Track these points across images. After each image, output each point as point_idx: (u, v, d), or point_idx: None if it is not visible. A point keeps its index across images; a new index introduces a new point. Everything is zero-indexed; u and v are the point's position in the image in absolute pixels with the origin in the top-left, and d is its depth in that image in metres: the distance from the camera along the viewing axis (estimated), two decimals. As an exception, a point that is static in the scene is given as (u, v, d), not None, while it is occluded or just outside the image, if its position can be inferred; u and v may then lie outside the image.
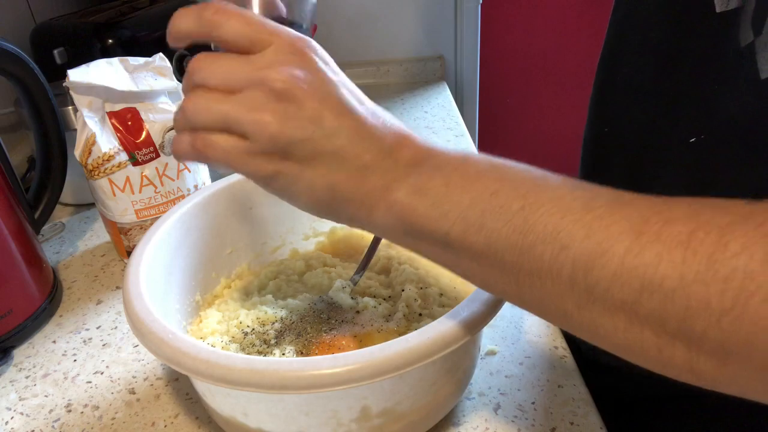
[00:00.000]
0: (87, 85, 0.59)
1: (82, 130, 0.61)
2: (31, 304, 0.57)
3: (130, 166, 0.61)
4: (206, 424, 0.46)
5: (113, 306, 0.60)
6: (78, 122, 0.61)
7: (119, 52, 0.82)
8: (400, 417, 0.40)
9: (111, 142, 0.61)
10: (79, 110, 0.60)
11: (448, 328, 0.35)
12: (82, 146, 0.61)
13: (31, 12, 0.97)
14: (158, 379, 0.51)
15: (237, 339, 0.47)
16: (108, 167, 0.61)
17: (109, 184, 0.61)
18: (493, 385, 0.47)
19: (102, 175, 0.61)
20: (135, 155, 0.61)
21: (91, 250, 0.70)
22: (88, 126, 0.60)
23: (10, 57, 0.58)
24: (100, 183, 0.61)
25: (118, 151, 0.61)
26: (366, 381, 0.33)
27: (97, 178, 0.61)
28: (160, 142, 0.63)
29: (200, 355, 0.35)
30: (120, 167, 0.61)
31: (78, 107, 0.60)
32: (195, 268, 0.51)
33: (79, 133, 0.61)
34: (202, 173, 0.68)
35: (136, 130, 0.62)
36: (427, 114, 1.01)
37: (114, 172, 0.61)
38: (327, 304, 0.49)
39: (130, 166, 0.61)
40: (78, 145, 0.61)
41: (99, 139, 0.60)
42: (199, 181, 0.67)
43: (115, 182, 0.61)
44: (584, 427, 0.43)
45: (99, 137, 0.60)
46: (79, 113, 0.61)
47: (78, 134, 0.61)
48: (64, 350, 0.55)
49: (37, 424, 0.47)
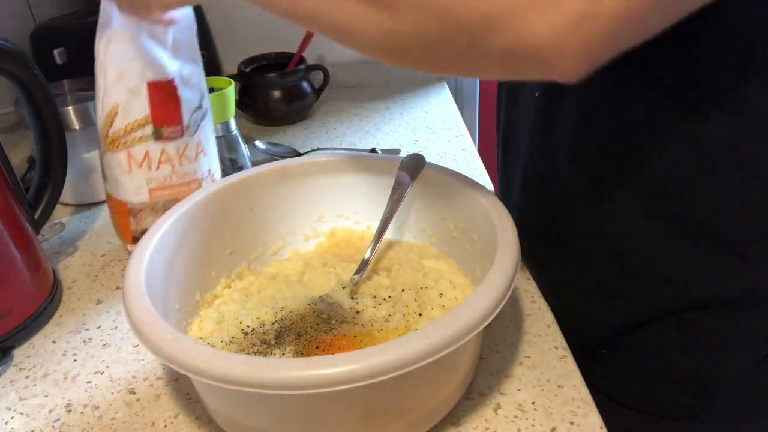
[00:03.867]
0: (137, 49, 0.56)
1: (104, 98, 0.58)
2: (31, 304, 0.57)
3: (152, 140, 0.59)
4: (206, 424, 0.46)
5: (113, 306, 0.60)
6: (98, 90, 0.59)
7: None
8: (400, 417, 0.40)
9: (141, 112, 0.58)
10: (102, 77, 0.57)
11: (448, 329, 0.35)
12: (104, 116, 0.58)
13: (31, 12, 0.98)
14: (158, 379, 0.51)
15: (237, 339, 0.47)
16: (130, 139, 0.58)
17: (127, 158, 0.59)
18: (493, 385, 0.47)
19: (122, 147, 0.58)
20: (161, 130, 0.59)
21: (91, 250, 0.70)
22: (113, 96, 0.57)
23: (10, 57, 0.58)
24: (118, 156, 0.59)
25: (145, 122, 0.58)
26: (366, 381, 0.33)
27: (115, 150, 0.59)
28: (187, 122, 0.61)
29: (200, 355, 0.35)
30: (141, 140, 0.59)
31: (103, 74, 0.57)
32: (195, 268, 0.51)
33: (101, 101, 0.59)
34: (214, 161, 0.67)
35: (171, 105, 0.60)
36: (427, 114, 1.01)
37: (135, 144, 0.59)
38: (327, 304, 0.50)
39: (152, 140, 0.59)
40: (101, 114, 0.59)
41: (123, 109, 0.57)
42: (212, 166, 0.66)
43: (134, 156, 0.59)
44: (584, 427, 0.43)
45: (123, 107, 0.57)
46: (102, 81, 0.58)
47: (99, 102, 0.59)
48: (64, 350, 0.55)
49: (37, 424, 0.47)
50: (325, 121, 1.01)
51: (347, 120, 1.01)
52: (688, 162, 0.44)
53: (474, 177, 0.52)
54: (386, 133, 0.95)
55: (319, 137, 0.96)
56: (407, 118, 1.00)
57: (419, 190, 0.55)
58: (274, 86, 0.97)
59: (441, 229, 0.55)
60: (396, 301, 0.50)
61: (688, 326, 0.49)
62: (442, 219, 0.55)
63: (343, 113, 1.04)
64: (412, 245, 0.57)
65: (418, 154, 0.55)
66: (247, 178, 0.55)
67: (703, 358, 0.49)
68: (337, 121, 1.01)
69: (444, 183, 0.53)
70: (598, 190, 0.49)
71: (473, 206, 0.49)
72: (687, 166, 0.44)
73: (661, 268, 0.48)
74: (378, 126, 0.98)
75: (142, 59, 0.57)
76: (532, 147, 0.57)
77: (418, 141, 0.92)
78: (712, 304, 0.48)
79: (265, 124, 1.01)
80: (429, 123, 0.98)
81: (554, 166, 0.53)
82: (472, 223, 0.50)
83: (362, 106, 1.06)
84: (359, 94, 1.11)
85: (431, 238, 0.57)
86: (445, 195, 0.53)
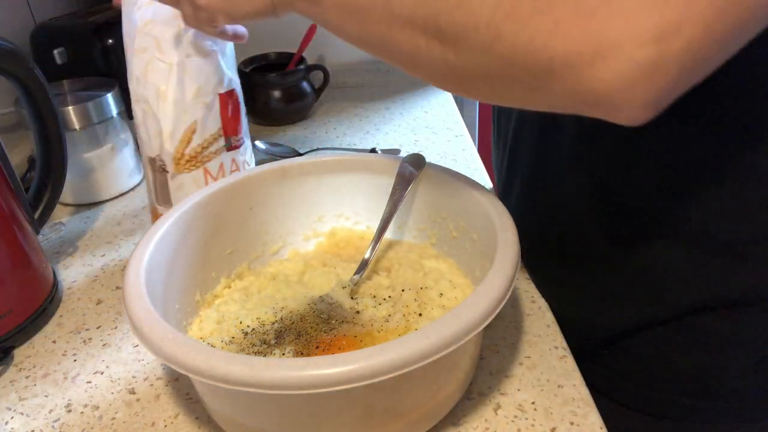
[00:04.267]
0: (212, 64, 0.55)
1: (182, 115, 0.56)
2: (31, 304, 0.57)
3: (224, 152, 0.58)
4: (206, 424, 0.46)
5: (113, 306, 0.60)
6: (163, 110, 0.55)
7: (119, 52, 0.82)
8: (400, 417, 0.40)
9: (215, 125, 0.57)
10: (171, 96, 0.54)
11: (448, 329, 0.35)
12: (180, 136, 0.56)
13: (31, 12, 0.98)
14: (158, 379, 0.51)
15: (237, 339, 0.47)
16: (206, 154, 0.57)
17: (205, 174, 0.58)
18: (493, 385, 0.47)
19: (199, 165, 0.57)
20: (230, 140, 0.59)
21: (91, 250, 0.70)
22: (191, 113, 0.56)
23: (10, 57, 0.58)
24: (195, 175, 0.57)
25: (218, 135, 0.58)
26: (366, 381, 0.33)
27: (191, 169, 0.57)
28: (245, 128, 0.61)
29: (200, 355, 0.35)
30: (217, 153, 0.58)
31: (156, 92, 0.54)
32: (195, 268, 0.51)
33: (170, 123, 0.56)
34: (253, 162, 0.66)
35: (235, 114, 0.59)
36: (427, 114, 1.01)
37: (211, 159, 0.58)
38: (327, 304, 0.50)
39: (224, 152, 0.58)
40: (168, 136, 0.56)
41: (200, 125, 0.56)
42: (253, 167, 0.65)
43: (210, 171, 0.58)
44: (584, 427, 0.43)
45: (200, 123, 0.56)
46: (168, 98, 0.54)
47: (167, 124, 0.56)
48: (64, 350, 0.55)
49: (37, 424, 0.47)
50: (325, 121, 1.01)
51: (347, 120, 1.01)
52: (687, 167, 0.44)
53: (474, 177, 0.52)
54: (386, 133, 0.95)
55: (319, 137, 0.96)
56: (407, 118, 1.00)
57: (419, 190, 0.55)
58: (274, 86, 0.97)
59: (441, 229, 0.55)
60: (396, 301, 0.50)
61: (688, 327, 0.49)
62: (442, 219, 0.55)
63: (343, 113, 1.04)
64: (412, 245, 0.57)
65: (418, 154, 0.55)
66: (247, 178, 0.55)
67: (703, 359, 0.49)
68: (337, 121, 1.01)
69: (444, 183, 0.53)
70: (598, 192, 0.49)
71: (473, 206, 0.49)
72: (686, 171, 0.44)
73: (661, 270, 0.48)
74: (378, 126, 0.98)
75: (216, 73, 0.57)
76: (532, 148, 0.57)
77: (418, 141, 0.92)
78: (712, 305, 0.48)
79: (265, 124, 1.01)
80: (429, 123, 0.98)
81: (555, 167, 0.53)
82: (472, 223, 0.50)
83: (362, 106, 1.06)
84: (359, 94, 1.11)
85: (431, 238, 0.57)
86: (445, 195, 0.53)
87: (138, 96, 0.57)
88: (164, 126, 0.56)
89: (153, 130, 0.57)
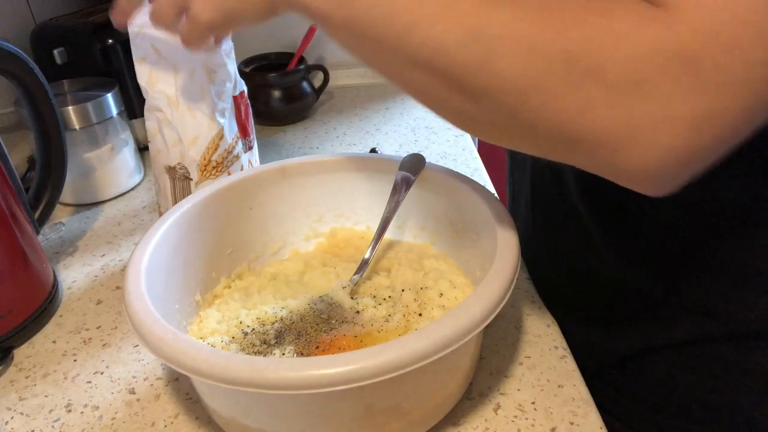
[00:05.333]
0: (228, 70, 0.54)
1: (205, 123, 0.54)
2: (31, 304, 0.57)
3: (243, 154, 0.58)
4: (206, 424, 0.46)
5: (113, 306, 0.60)
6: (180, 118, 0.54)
7: (119, 52, 0.83)
8: (400, 417, 0.40)
9: (234, 129, 0.57)
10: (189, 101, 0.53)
11: (448, 328, 0.35)
12: (207, 143, 0.55)
13: (31, 12, 0.97)
14: (158, 379, 0.51)
15: (237, 339, 0.47)
16: (230, 159, 0.56)
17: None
18: (493, 385, 0.47)
19: (223, 170, 0.57)
20: (245, 142, 0.58)
21: (91, 250, 0.70)
22: (217, 119, 0.55)
23: (10, 57, 0.58)
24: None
25: (237, 138, 0.57)
26: (366, 381, 0.33)
27: (217, 175, 0.56)
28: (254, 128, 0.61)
29: (200, 355, 0.35)
30: (238, 158, 0.57)
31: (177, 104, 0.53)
32: (195, 268, 0.51)
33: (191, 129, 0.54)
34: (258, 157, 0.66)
35: (246, 115, 0.59)
36: (427, 114, 1.01)
37: (233, 163, 0.57)
38: (327, 304, 0.50)
39: (243, 154, 0.58)
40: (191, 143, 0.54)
41: (227, 129, 0.55)
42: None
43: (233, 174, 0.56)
44: (584, 427, 0.43)
45: (228, 127, 0.55)
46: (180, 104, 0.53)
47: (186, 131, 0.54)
48: (64, 350, 0.55)
49: (37, 424, 0.47)
50: (325, 121, 1.01)
51: (347, 120, 1.01)
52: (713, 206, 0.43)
53: (474, 177, 0.53)
54: (386, 133, 0.95)
55: (319, 137, 0.96)
56: (407, 118, 1.00)
57: (419, 190, 0.55)
58: (274, 86, 0.97)
59: (441, 229, 0.55)
60: (396, 301, 0.50)
61: (700, 352, 0.48)
62: (442, 219, 0.55)
63: (343, 113, 1.04)
64: (412, 245, 0.57)
65: (418, 154, 0.55)
66: (247, 178, 0.55)
67: (715, 386, 0.48)
68: (337, 121, 1.01)
69: (444, 183, 0.53)
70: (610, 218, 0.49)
71: (473, 206, 0.49)
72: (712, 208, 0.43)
73: (674, 297, 0.47)
74: (378, 126, 0.98)
75: (230, 77, 0.57)
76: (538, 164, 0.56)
77: (418, 141, 0.92)
78: (728, 335, 0.46)
79: (265, 124, 1.01)
80: (429, 123, 0.98)
81: (561, 186, 0.52)
82: (472, 223, 0.50)
83: (362, 106, 1.06)
84: (359, 94, 1.11)
85: (431, 238, 0.57)
86: (445, 195, 0.53)
87: (149, 105, 0.55)
88: (183, 134, 0.55)
89: (171, 139, 0.55)
